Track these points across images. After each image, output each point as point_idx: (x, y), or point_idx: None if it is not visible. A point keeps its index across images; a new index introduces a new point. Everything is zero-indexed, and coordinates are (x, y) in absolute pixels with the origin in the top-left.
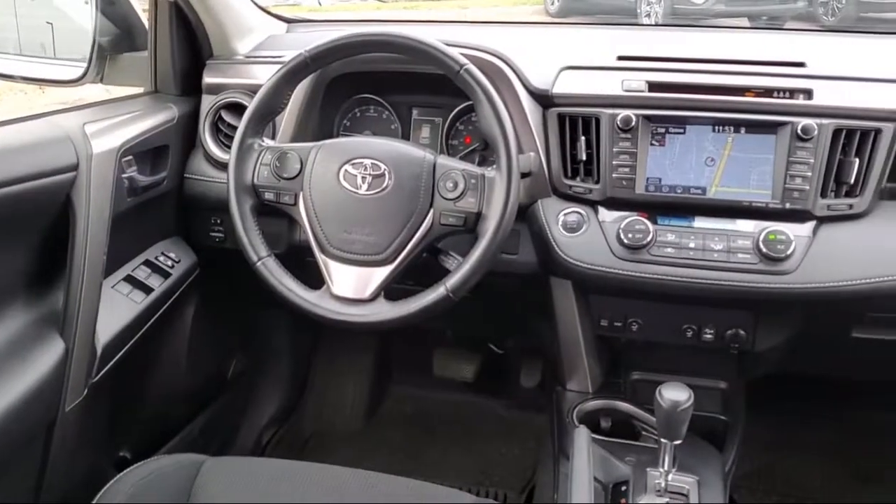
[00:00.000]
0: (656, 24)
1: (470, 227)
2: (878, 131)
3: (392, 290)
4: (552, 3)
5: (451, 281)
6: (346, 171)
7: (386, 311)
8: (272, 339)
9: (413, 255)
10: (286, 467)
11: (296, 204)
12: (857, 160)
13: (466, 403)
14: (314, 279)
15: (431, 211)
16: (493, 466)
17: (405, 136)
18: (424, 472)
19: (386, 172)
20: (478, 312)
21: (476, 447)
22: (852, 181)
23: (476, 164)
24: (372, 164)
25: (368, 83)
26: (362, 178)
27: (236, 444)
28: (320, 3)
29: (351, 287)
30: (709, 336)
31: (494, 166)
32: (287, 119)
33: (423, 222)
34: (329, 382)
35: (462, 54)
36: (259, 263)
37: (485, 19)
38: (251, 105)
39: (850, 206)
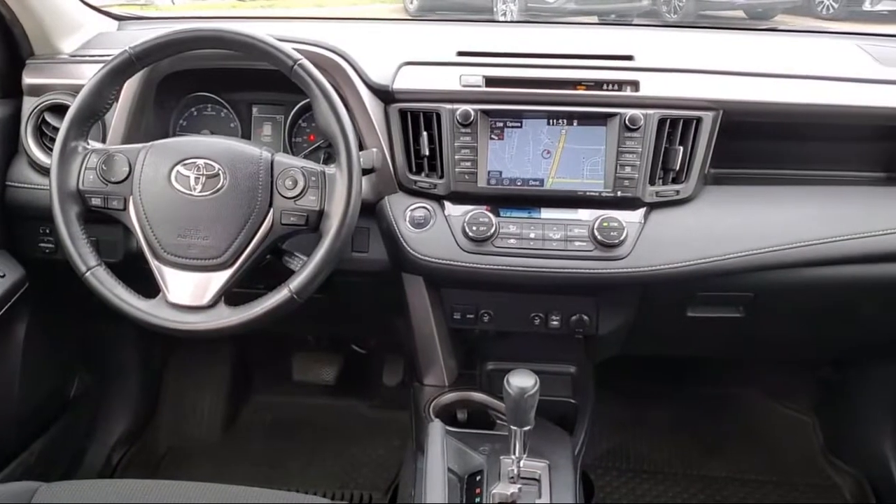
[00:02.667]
0: (509, 21)
1: (313, 225)
2: (699, 120)
3: (236, 294)
4: (411, 2)
5: (295, 282)
6: (178, 172)
7: (226, 316)
8: (118, 353)
9: (254, 257)
10: (135, 487)
11: (125, 209)
12: (681, 148)
13: (329, 407)
14: (155, 287)
15: (271, 211)
16: (358, 468)
17: (245, 135)
18: (287, 481)
19: (220, 172)
20: (335, 313)
21: (340, 450)
22: (677, 168)
23: (321, 162)
24: (205, 164)
25: (205, 81)
26: (195, 178)
27: (83, 468)
28: (174, 2)
29: (188, 294)
30: (555, 323)
31: (336, 163)
32: (117, 120)
33: (262, 223)
34: (183, 395)
35: (297, 50)
36: (88, 274)
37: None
38: (73, 106)
39: (677, 192)
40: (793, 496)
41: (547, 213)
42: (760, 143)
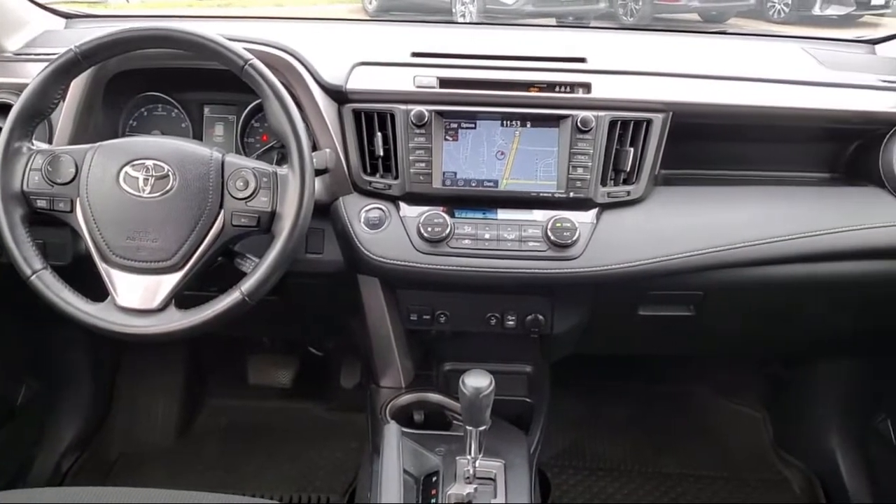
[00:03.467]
0: (468, 23)
1: (264, 227)
2: (649, 121)
3: (187, 297)
4: (370, 2)
5: (247, 284)
6: (126, 173)
7: (177, 320)
8: (68, 358)
9: (205, 259)
10: (84, 494)
11: (72, 211)
12: (631, 149)
13: (285, 410)
14: (105, 291)
15: (222, 212)
16: (316, 471)
17: (197, 136)
18: (243, 486)
19: (170, 173)
20: (290, 315)
21: (297, 453)
22: (628, 169)
23: (274, 163)
24: (154, 164)
25: (156, 80)
26: (144, 180)
27: (31, 476)
28: (128, 1)
29: (137, 297)
30: (511, 323)
31: (288, 164)
32: (64, 120)
33: (213, 224)
34: (136, 400)
35: (248, 50)
36: (33, 277)
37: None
38: (16, 105)
39: (628, 193)
40: (744, 491)
41: (502, 214)
42: (710, 145)
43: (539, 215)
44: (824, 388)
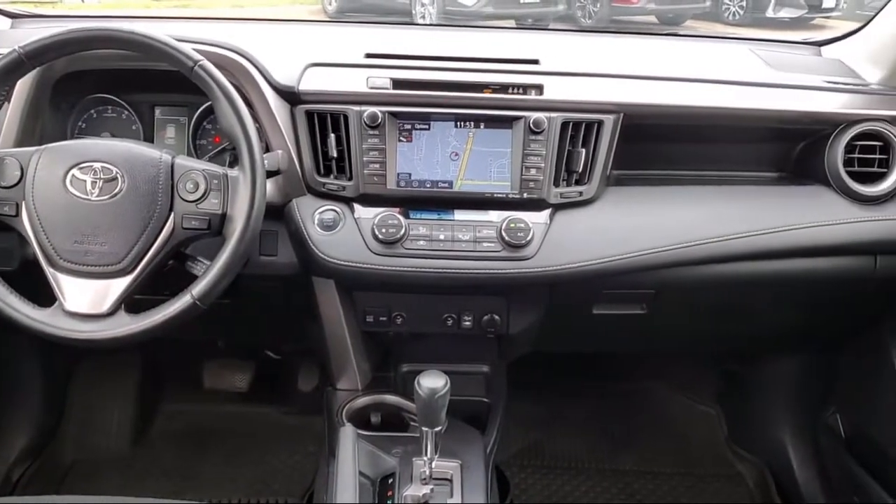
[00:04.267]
0: (427, 24)
1: (216, 229)
2: (600, 123)
3: (138, 301)
4: (330, 4)
5: (198, 287)
6: (73, 176)
7: (126, 324)
8: (17, 365)
9: (155, 262)
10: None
11: (18, 215)
12: (583, 150)
13: (243, 414)
14: (53, 296)
15: (172, 215)
16: (274, 475)
17: (148, 138)
18: (200, 492)
19: (118, 176)
20: (245, 318)
21: (255, 458)
22: (580, 170)
23: (227, 165)
24: (102, 167)
25: (105, 82)
26: (92, 182)
27: None
28: (83, 1)
29: (86, 302)
30: (468, 323)
31: (239, 165)
32: (9, 122)
33: (163, 227)
34: (90, 405)
35: (198, 51)
36: None
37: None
38: None
39: (580, 194)
40: (699, 486)
41: (451, 215)
42: (660, 145)
43: (494, 216)
44: (776, 384)
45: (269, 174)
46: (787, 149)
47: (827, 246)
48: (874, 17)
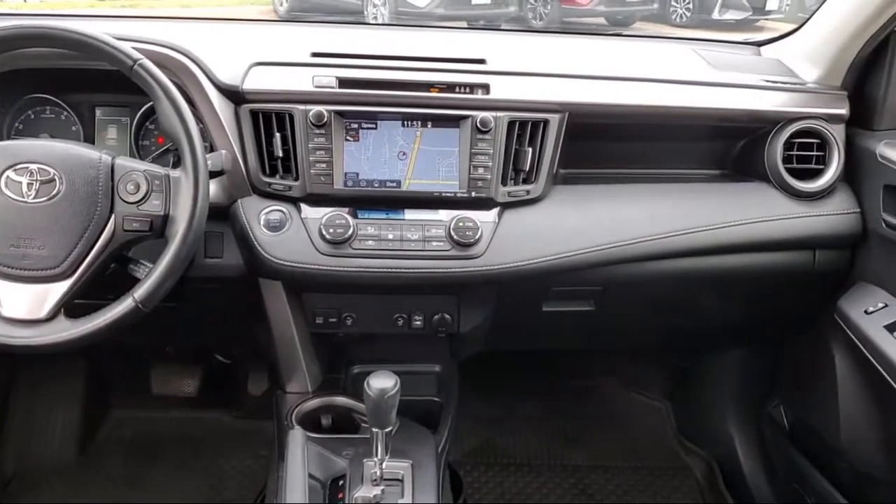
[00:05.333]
0: (379, 24)
1: (158, 231)
2: (545, 122)
3: (80, 306)
4: (281, 4)
5: (140, 291)
6: (8, 177)
7: (66, 329)
8: None
9: (96, 266)
10: None
11: None
12: (530, 149)
13: (192, 419)
14: None
15: (112, 217)
16: (225, 481)
17: (89, 139)
18: (149, 499)
19: (56, 177)
20: (191, 322)
21: (206, 464)
22: (527, 168)
23: (171, 166)
24: (39, 168)
25: (43, 81)
26: (28, 184)
27: None
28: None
29: (24, 307)
30: (418, 323)
31: (181, 166)
32: None
33: (103, 230)
34: (33, 413)
35: (138, 49)
36: None
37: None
38: None
39: (528, 192)
40: (649, 480)
41: (399, 214)
42: (606, 144)
43: (442, 215)
44: (721, 377)
45: (213, 174)
46: (729, 147)
47: (767, 241)
48: (810, 18)
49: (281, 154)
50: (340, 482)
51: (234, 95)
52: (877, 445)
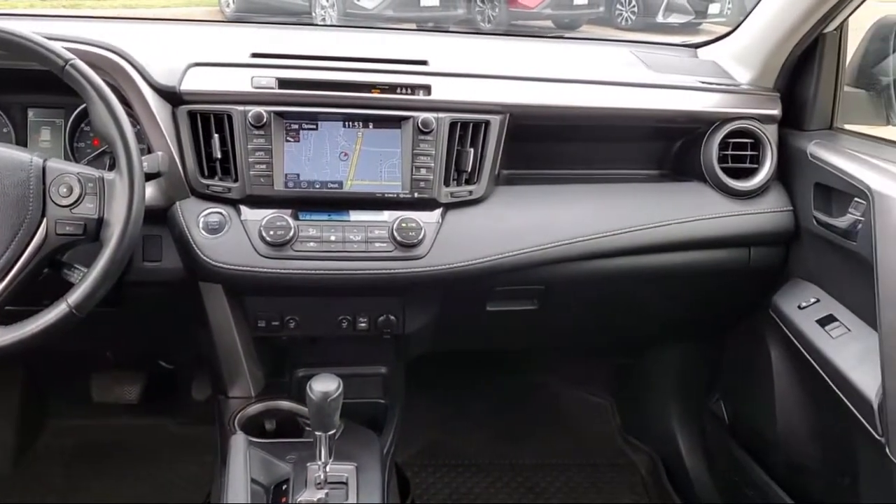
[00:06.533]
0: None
1: (92, 235)
2: (487, 123)
3: (14, 312)
4: (228, 5)
5: (74, 295)
6: None
7: None
8: None
9: (28, 271)
10: None
11: None
12: (472, 150)
13: (135, 427)
14: None
15: (45, 220)
16: (170, 489)
17: (21, 141)
18: None
19: None
20: (133, 327)
21: (149, 472)
22: (469, 169)
23: (107, 168)
24: None
25: None
26: None
27: None
28: None
29: None
30: (363, 325)
31: (116, 168)
32: None
33: (35, 233)
34: None
35: (71, 49)
36: None
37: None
38: None
39: (470, 193)
40: (595, 477)
41: (342, 216)
42: (548, 145)
43: (383, 216)
44: (663, 374)
45: (149, 177)
46: (667, 147)
47: (704, 239)
48: (743, 21)
49: (220, 155)
50: (284, 486)
51: (172, 96)
52: (811, 437)
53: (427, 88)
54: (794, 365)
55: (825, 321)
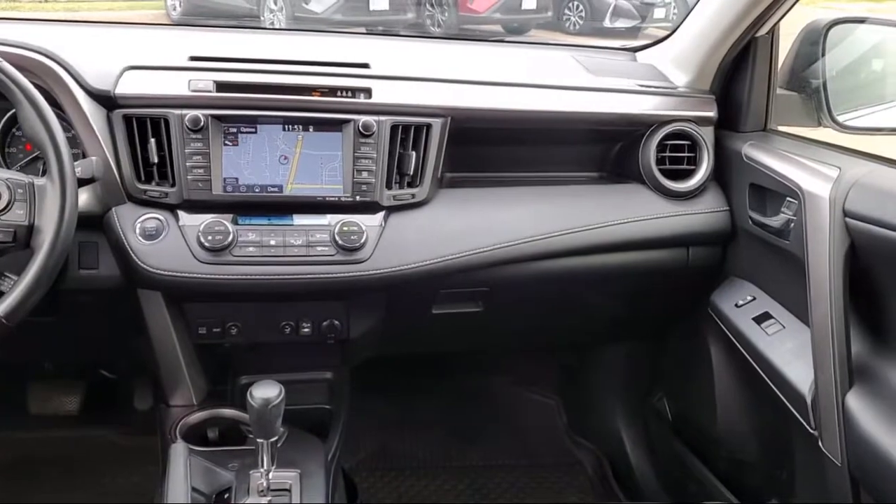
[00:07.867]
0: (276, 29)
1: (22, 242)
2: (428, 126)
3: None
4: (174, 8)
5: (4, 305)
6: None
7: None
8: None
9: None
10: None
11: None
12: (414, 153)
13: (75, 438)
14: None
15: None
16: (111, 499)
17: None
18: None
19: None
20: (71, 336)
21: (91, 483)
22: (412, 172)
23: (40, 174)
24: None
25: None
26: None
27: None
28: None
29: None
30: (306, 330)
31: (48, 174)
32: None
33: None
34: None
35: None
36: None
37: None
38: None
39: (413, 196)
40: (542, 476)
41: (282, 220)
42: (490, 148)
43: (324, 220)
44: (607, 372)
45: (82, 182)
46: (606, 150)
47: (643, 239)
48: (680, 24)
49: (156, 160)
50: (226, 495)
51: (106, 100)
52: (750, 433)
53: (368, 91)
54: (733, 362)
55: (761, 318)
